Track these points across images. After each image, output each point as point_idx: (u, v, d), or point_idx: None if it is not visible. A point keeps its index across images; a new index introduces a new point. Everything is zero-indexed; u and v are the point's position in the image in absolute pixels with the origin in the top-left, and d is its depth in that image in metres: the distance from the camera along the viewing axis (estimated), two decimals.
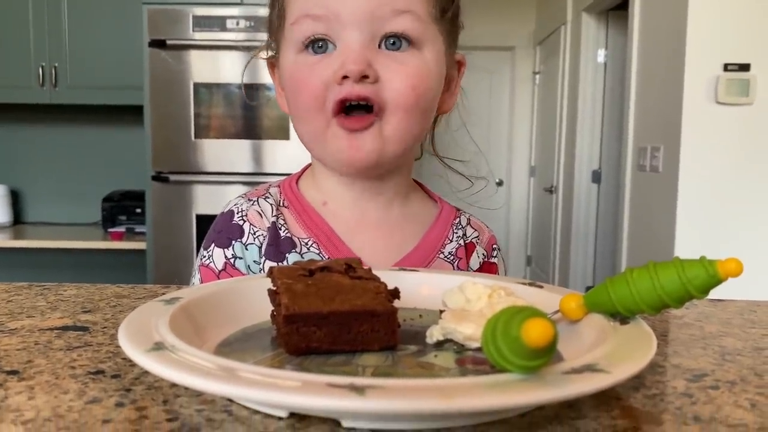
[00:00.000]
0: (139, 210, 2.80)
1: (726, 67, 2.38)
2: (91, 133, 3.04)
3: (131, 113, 2.66)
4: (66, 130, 3.04)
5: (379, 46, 0.50)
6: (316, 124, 0.52)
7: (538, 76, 4.82)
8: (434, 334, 0.34)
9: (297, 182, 0.62)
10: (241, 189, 2.40)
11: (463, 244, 0.61)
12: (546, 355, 0.23)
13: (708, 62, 2.39)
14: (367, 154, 0.51)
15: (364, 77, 0.48)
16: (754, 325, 0.42)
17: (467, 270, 0.61)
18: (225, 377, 0.23)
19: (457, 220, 0.63)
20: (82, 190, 3.03)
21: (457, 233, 0.61)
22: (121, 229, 2.75)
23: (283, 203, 0.59)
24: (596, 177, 3.84)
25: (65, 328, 0.38)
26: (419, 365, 0.30)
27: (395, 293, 0.35)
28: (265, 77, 2.51)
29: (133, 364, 0.31)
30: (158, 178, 2.40)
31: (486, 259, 0.63)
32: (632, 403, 0.27)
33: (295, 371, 0.25)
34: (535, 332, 0.22)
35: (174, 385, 0.28)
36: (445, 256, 0.59)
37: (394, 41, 0.50)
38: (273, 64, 0.59)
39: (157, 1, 2.38)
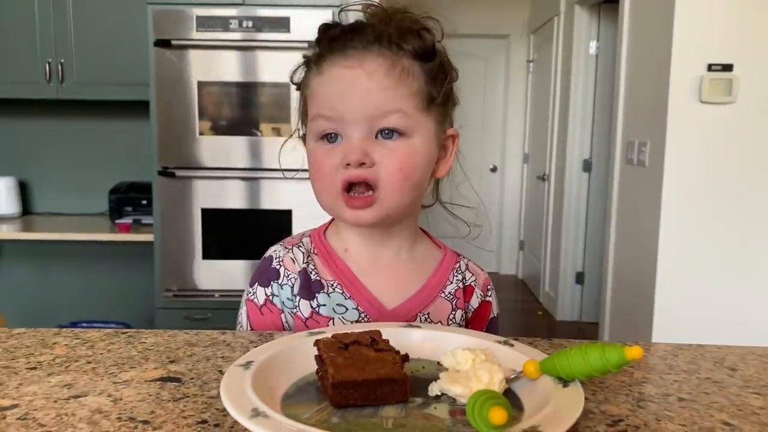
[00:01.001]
0: (145, 201, 2.90)
1: (710, 67, 2.50)
2: (98, 126, 3.15)
3: (137, 107, 2.77)
4: (73, 123, 3.14)
5: (376, 136, 0.65)
6: (329, 198, 0.67)
7: (531, 65, 4.91)
8: (434, 389, 0.48)
9: (324, 232, 0.76)
10: (245, 184, 2.52)
11: (462, 286, 0.76)
12: (504, 427, 0.37)
13: (693, 62, 2.50)
14: (365, 221, 0.67)
15: (362, 164, 0.64)
16: (670, 371, 0.56)
17: (465, 307, 0.76)
18: None
19: (458, 264, 0.78)
20: (90, 181, 3.14)
21: (457, 277, 0.76)
22: (128, 220, 2.87)
23: (313, 251, 0.74)
24: (587, 166, 3.97)
25: (163, 380, 0.52)
26: (424, 416, 0.45)
27: (406, 358, 0.49)
28: (265, 75, 2.59)
29: (226, 414, 0.45)
30: (164, 173, 2.51)
31: (483, 299, 0.78)
32: None
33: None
34: (495, 417, 0.36)
35: None
36: (445, 296, 0.74)
37: (387, 132, 0.65)
38: (304, 140, 0.73)
39: (161, 1, 2.47)
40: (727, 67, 2.49)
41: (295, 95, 0.74)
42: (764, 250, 2.53)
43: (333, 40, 0.67)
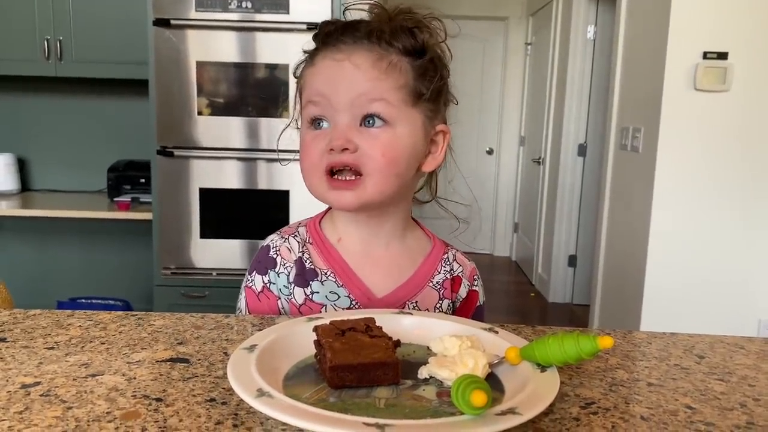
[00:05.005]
0: (143, 180, 2.93)
1: (705, 55, 2.52)
2: (97, 104, 3.16)
3: (135, 86, 2.78)
4: (72, 101, 3.16)
5: (361, 124, 0.68)
6: (315, 180, 0.71)
7: (530, 47, 4.90)
8: (423, 373, 0.53)
9: (320, 222, 0.80)
10: (243, 164, 2.55)
11: (449, 277, 0.80)
12: (484, 408, 0.41)
13: (688, 50, 2.52)
14: (347, 203, 0.70)
15: (345, 149, 0.67)
16: (643, 358, 0.61)
17: (452, 297, 0.80)
18: (306, 416, 0.41)
19: (446, 255, 0.81)
20: (88, 159, 3.17)
21: (445, 267, 0.80)
22: (127, 198, 2.89)
23: (308, 240, 0.78)
24: (582, 150, 4.00)
25: (173, 360, 0.56)
26: (413, 397, 0.49)
27: (398, 344, 0.54)
28: (263, 56, 2.60)
29: (232, 393, 0.49)
30: (163, 152, 2.54)
31: (470, 288, 0.82)
32: (541, 426, 0.46)
33: (345, 414, 0.43)
34: (476, 400, 0.40)
35: None
36: (433, 285, 0.78)
37: (370, 120, 0.68)
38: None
39: None
40: (722, 56, 2.51)
41: (293, 79, 0.77)
42: (753, 237, 2.58)
43: (327, 36, 0.70)
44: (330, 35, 0.70)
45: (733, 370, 0.59)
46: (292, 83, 0.76)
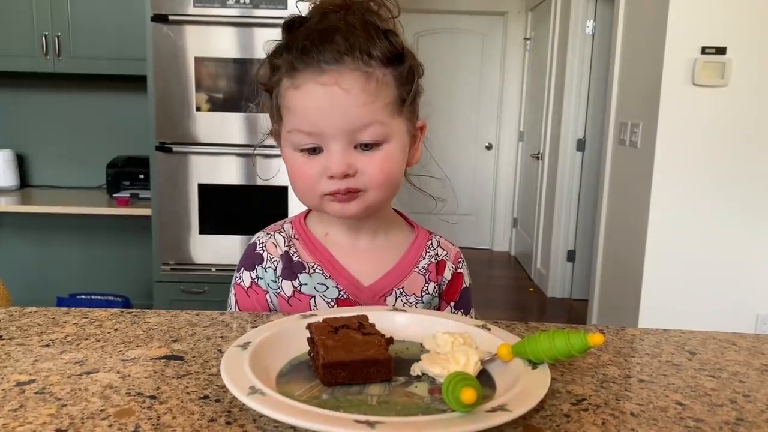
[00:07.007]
0: (142, 176, 2.93)
1: (703, 50, 2.51)
2: (95, 100, 3.16)
3: (134, 82, 2.78)
4: (71, 97, 3.15)
5: (355, 147, 0.69)
6: (312, 201, 0.73)
7: (529, 42, 4.89)
8: (416, 369, 0.53)
9: (305, 218, 0.82)
10: (241, 160, 2.55)
11: (435, 261, 0.82)
12: (474, 406, 0.42)
13: (687, 45, 2.52)
14: (351, 213, 0.72)
15: (346, 175, 0.68)
16: (635, 354, 0.61)
17: (438, 281, 0.82)
18: (297, 414, 0.41)
19: (430, 242, 0.83)
20: (87, 155, 3.17)
21: (429, 253, 0.82)
22: (126, 194, 2.90)
23: (294, 236, 0.80)
24: (581, 145, 4.00)
25: (167, 357, 0.56)
26: (406, 394, 0.50)
27: (390, 341, 0.54)
28: (261, 52, 2.60)
29: (226, 390, 0.49)
30: (162, 148, 2.54)
31: (455, 270, 0.84)
32: (532, 422, 0.46)
33: (337, 411, 0.44)
34: (466, 397, 0.40)
35: None
36: (419, 270, 0.80)
37: (366, 145, 0.69)
38: (277, 136, 0.76)
39: None
40: (721, 51, 2.51)
41: None
42: (751, 232, 2.59)
43: (304, 52, 0.66)
44: (307, 52, 0.66)
45: (724, 367, 0.59)
46: None
